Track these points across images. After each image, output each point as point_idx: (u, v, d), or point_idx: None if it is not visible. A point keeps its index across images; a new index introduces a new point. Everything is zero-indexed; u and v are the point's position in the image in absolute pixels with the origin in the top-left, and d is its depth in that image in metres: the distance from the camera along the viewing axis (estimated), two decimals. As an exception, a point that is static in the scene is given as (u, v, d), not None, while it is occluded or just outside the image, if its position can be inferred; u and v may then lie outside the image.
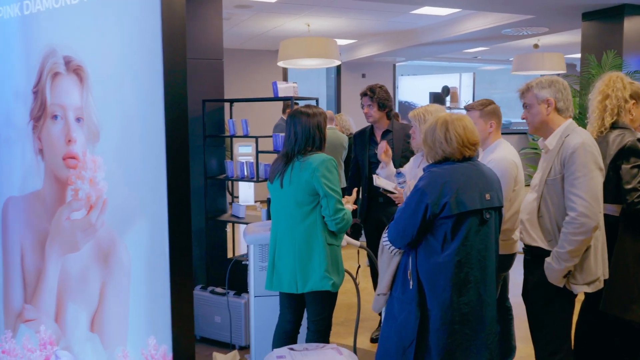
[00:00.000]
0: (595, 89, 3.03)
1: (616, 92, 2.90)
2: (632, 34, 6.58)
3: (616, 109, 2.88)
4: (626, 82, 2.94)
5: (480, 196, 2.45)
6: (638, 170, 2.72)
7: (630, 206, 2.70)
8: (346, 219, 2.84)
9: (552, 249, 2.53)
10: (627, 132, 2.81)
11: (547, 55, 8.87)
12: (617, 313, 2.73)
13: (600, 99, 2.95)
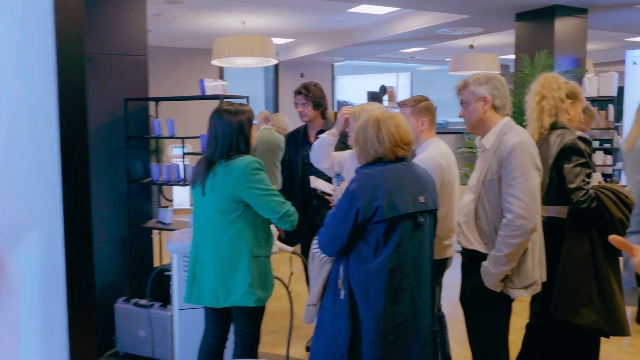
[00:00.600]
0: (531, 91, 2.97)
1: (552, 93, 2.84)
2: (563, 35, 6.70)
3: (554, 109, 2.83)
4: (561, 82, 2.89)
5: (414, 199, 2.32)
6: (581, 169, 2.66)
7: (576, 205, 2.64)
8: (293, 210, 2.67)
9: (489, 252, 2.43)
10: (567, 131, 2.76)
11: (482, 56, 8.97)
12: (567, 317, 2.66)
13: (537, 100, 2.89)
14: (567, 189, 2.64)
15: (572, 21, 6.77)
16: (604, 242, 2.67)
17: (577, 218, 2.68)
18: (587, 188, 2.63)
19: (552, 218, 2.76)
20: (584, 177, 2.65)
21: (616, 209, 2.65)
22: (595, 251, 2.68)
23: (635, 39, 10.06)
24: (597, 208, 2.64)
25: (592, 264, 2.68)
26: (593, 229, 2.70)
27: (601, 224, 2.67)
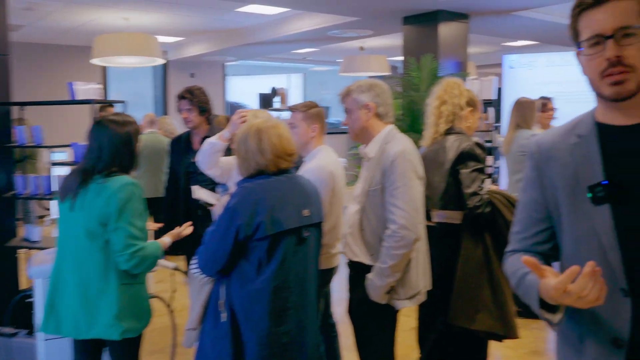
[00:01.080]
0: (433, 94, 2.98)
1: (452, 99, 2.86)
2: (447, 39, 6.93)
3: (452, 115, 2.84)
4: (462, 88, 2.91)
5: (297, 213, 2.21)
6: (477, 174, 2.69)
7: (472, 211, 2.65)
8: (142, 256, 2.29)
9: (375, 264, 2.38)
10: (463, 137, 2.78)
11: (372, 57, 9.12)
12: (464, 324, 2.67)
13: (437, 105, 2.90)
14: (463, 194, 2.66)
15: (455, 26, 7.02)
16: (497, 245, 2.72)
17: (472, 223, 2.71)
18: (482, 193, 2.67)
19: (442, 224, 2.76)
20: (479, 183, 2.68)
21: (509, 213, 2.71)
22: (489, 255, 2.72)
23: (512, 44, 10.68)
24: (491, 213, 2.68)
25: (486, 268, 2.71)
26: (486, 234, 2.74)
27: (494, 228, 2.72)
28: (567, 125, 1.40)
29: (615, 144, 1.29)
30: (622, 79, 1.22)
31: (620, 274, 1.25)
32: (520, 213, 1.46)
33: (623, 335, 1.26)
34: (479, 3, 6.59)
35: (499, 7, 6.84)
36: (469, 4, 6.63)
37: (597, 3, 1.24)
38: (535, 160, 1.41)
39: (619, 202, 1.25)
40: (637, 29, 1.21)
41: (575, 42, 1.31)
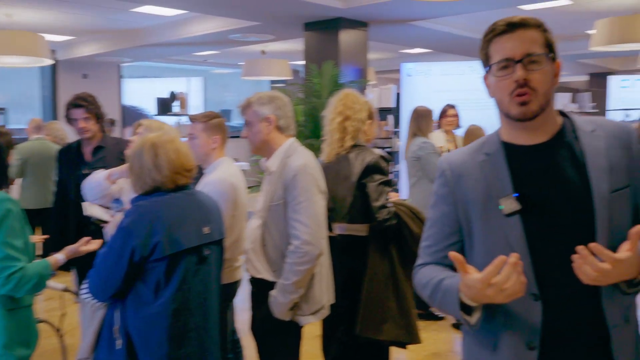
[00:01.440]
0: (332, 108, 2.92)
1: (355, 114, 2.85)
2: (347, 46, 7.04)
3: (356, 131, 2.85)
4: (362, 101, 2.91)
5: (197, 231, 2.13)
6: (383, 187, 2.71)
7: (381, 223, 2.67)
8: (20, 277, 2.06)
9: (278, 280, 2.34)
10: (366, 150, 2.80)
11: (273, 62, 9.10)
12: (372, 335, 2.68)
13: (340, 121, 2.86)
14: (371, 207, 2.67)
15: (355, 33, 7.15)
16: (402, 256, 2.77)
17: (379, 236, 2.73)
18: (389, 206, 2.70)
19: (346, 236, 2.77)
20: (386, 195, 2.71)
21: (414, 224, 2.76)
22: (395, 266, 2.76)
23: (408, 51, 11.07)
24: (397, 225, 2.72)
25: (392, 279, 2.75)
26: (392, 245, 2.78)
27: (399, 240, 2.76)
28: (474, 144, 1.51)
29: (519, 162, 1.40)
30: (528, 99, 1.33)
31: (532, 280, 1.33)
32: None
33: (535, 338, 1.34)
34: (378, 12, 6.76)
35: (397, 17, 7.05)
36: (369, 13, 6.77)
37: (507, 31, 1.36)
38: (447, 177, 1.48)
39: (528, 213, 1.34)
40: (540, 56, 1.34)
41: (486, 66, 1.42)
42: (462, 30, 8.55)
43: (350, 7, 6.45)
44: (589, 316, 1.34)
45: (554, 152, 1.38)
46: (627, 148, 1.39)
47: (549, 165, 1.38)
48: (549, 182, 1.37)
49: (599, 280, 1.23)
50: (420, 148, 4.45)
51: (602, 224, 1.32)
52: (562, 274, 1.31)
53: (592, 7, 7.61)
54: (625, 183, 1.36)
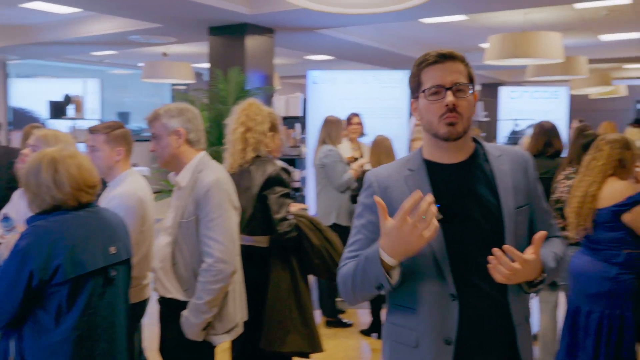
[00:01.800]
0: (235, 117, 2.86)
1: (257, 126, 2.80)
2: (253, 52, 6.99)
3: (257, 143, 2.79)
4: (265, 113, 2.86)
5: (103, 251, 2.02)
6: (284, 199, 2.69)
7: (281, 236, 2.65)
8: None
9: (189, 300, 2.27)
10: (268, 162, 2.76)
11: (175, 64, 8.87)
12: (277, 348, 2.65)
13: (242, 131, 2.81)
14: (272, 219, 2.64)
15: (261, 39, 7.11)
16: (303, 267, 2.77)
17: (280, 247, 2.72)
18: (291, 218, 2.69)
19: (248, 247, 2.74)
20: (287, 208, 2.70)
21: (314, 236, 2.77)
22: (296, 278, 2.76)
23: (313, 57, 11.19)
24: (297, 237, 2.71)
25: (294, 291, 2.74)
26: (293, 257, 2.77)
27: (300, 251, 2.76)
28: (399, 161, 1.69)
29: (440, 177, 1.59)
30: (455, 121, 1.53)
31: (450, 281, 1.51)
32: (357, 234, 1.64)
33: (452, 334, 1.51)
34: (284, 20, 6.77)
35: (303, 25, 7.10)
36: (275, 19, 6.77)
37: (438, 61, 1.55)
38: (374, 189, 1.62)
39: (448, 222, 1.50)
40: (466, 85, 1.55)
41: (416, 91, 1.59)
42: (366, 40, 8.76)
43: (256, 13, 6.41)
44: (499, 315, 1.54)
45: (469, 171, 1.59)
46: (526, 172, 1.63)
47: (465, 182, 1.58)
48: (465, 196, 1.56)
49: (510, 278, 1.43)
50: (326, 156, 4.51)
51: (509, 235, 1.53)
52: (477, 276, 1.51)
53: (485, 22, 8.08)
54: (525, 202, 1.60)
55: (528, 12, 7.24)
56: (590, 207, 2.84)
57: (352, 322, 4.61)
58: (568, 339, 2.97)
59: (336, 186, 4.49)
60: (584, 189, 2.88)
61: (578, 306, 2.94)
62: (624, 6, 7.05)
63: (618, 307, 2.80)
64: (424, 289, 1.52)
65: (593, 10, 7.34)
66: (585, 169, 2.96)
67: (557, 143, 3.78)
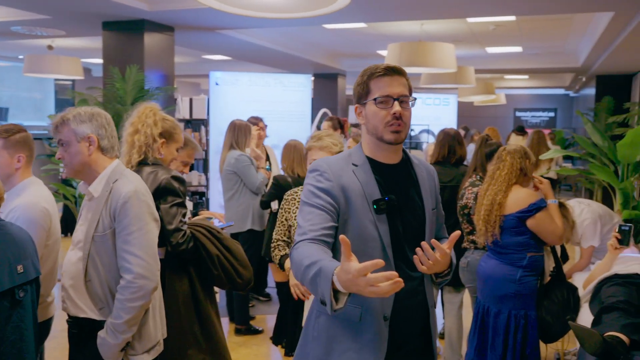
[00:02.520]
0: (130, 118, 2.71)
1: (146, 129, 2.63)
2: (152, 50, 6.70)
3: (144, 146, 2.63)
4: (158, 117, 2.69)
5: (10, 270, 1.84)
6: (177, 209, 2.54)
7: (176, 247, 2.51)
8: None
9: (105, 319, 2.11)
10: (160, 169, 2.59)
11: (63, 59, 8.31)
12: None
13: (130, 132, 2.64)
14: (165, 230, 2.51)
15: (161, 37, 6.84)
16: (202, 278, 2.66)
17: (177, 259, 2.60)
18: (185, 229, 2.57)
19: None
20: (181, 217, 2.57)
21: (212, 245, 2.66)
22: (195, 289, 2.65)
23: (211, 57, 10.96)
24: (194, 247, 2.60)
25: (193, 302, 2.64)
26: (190, 266, 2.66)
27: (198, 261, 2.65)
28: (341, 156, 1.85)
29: (382, 174, 1.81)
30: (400, 129, 1.76)
31: (392, 265, 1.74)
32: (310, 213, 1.73)
33: (388, 311, 1.75)
34: (184, 18, 6.56)
35: (203, 24, 6.92)
36: (175, 17, 6.54)
37: (387, 74, 1.77)
38: (328, 174, 1.76)
39: (393, 213, 1.76)
40: (409, 98, 1.79)
41: (364, 98, 1.79)
42: (267, 42, 8.73)
43: (156, 10, 6.16)
44: (420, 298, 1.83)
45: (402, 173, 1.85)
46: (434, 181, 1.94)
47: (399, 181, 1.83)
48: (400, 194, 1.80)
49: (432, 268, 1.66)
50: (237, 161, 4.42)
51: (428, 232, 1.84)
52: (405, 264, 1.77)
53: (384, 31, 8.34)
54: (435, 205, 1.91)
55: (424, 22, 7.57)
56: (497, 214, 3.01)
57: (262, 329, 4.56)
58: (477, 339, 3.12)
59: (254, 188, 4.43)
60: (491, 197, 3.05)
61: (487, 307, 3.10)
62: (510, 22, 7.57)
63: (523, 307, 2.99)
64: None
65: (482, 25, 7.82)
66: (491, 178, 3.13)
67: (460, 150, 3.96)
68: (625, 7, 5.61)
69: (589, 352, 2.37)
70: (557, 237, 2.99)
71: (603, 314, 2.73)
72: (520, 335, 2.97)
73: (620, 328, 2.53)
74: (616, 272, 3.08)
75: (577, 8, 6.10)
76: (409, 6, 6.04)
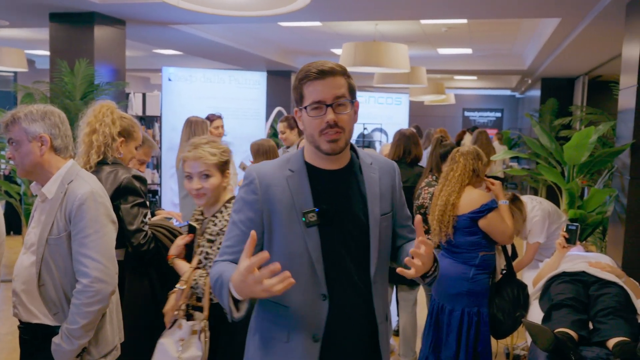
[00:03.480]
0: (85, 117, 2.64)
1: (104, 128, 2.58)
2: (103, 44, 6.51)
3: (103, 146, 2.57)
4: (116, 116, 2.64)
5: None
6: (139, 209, 2.50)
7: (137, 249, 2.47)
8: None
9: (59, 325, 2.05)
10: (120, 168, 2.55)
11: (5, 50, 8.00)
12: None
13: (87, 132, 2.58)
14: (126, 231, 2.46)
15: (111, 31, 6.65)
16: (162, 279, 2.63)
17: (137, 259, 2.55)
18: (146, 229, 2.52)
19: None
20: (142, 218, 2.53)
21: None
22: (156, 290, 2.62)
23: (161, 51, 10.74)
24: (155, 248, 2.56)
25: (153, 303, 2.60)
26: (150, 268, 2.62)
27: (158, 262, 2.61)
28: (280, 160, 1.71)
29: (319, 181, 1.65)
30: (336, 137, 1.59)
31: (323, 282, 1.60)
32: (233, 230, 1.65)
33: (320, 331, 1.60)
34: (135, 12, 6.39)
35: (156, 18, 6.77)
36: (126, 11, 6.37)
37: (319, 77, 1.58)
38: (255, 185, 1.63)
39: (325, 225, 1.60)
40: (347, 100, 1.60)
41: (300, 103, 1.63)
42: (220, 38, 8.61)
43: (106, 3, 5.98)
44: (364, 314, 1.66)
45: (345, 179, 1.68)
46: (392, 181, 1.77)
47: (340, 188, 1.66)
48: (339, 202, 1.64)
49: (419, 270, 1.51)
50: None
51: (374, 240, 1.65)
52: (345, 278, 1.62)
53: (338, 30, 8.37)
54: (390, 209, 1.73)
55: (378, 23, 7.64)
56: (451, 214, 3.08)
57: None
58: (432, 337, 3.19)
59: None
60: (445, 198, 3.11)
61: (441, 305, 3.17)
62: (461, 25, 7.74)
63: (476, 304, 3.07)
64: (297, 287, 1.49)
65: (435, 27, 7.96)
66: (445, 179, 3.20)
67: (415, 150, 4.02)
68: (571, 14, 5.82)
69: (542, 349, 2.46)
70: (507, 237, 3.08)
71: (553, 311, 2.84)
72: (473, 332, 3.05)
73: (569, 324, 2.64)
74: (564, 270, 3.21)
75: (526, 13, 6.29)
76: (364, 7, 6.09)
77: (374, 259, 1.64)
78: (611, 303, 2.78)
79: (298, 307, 1.60)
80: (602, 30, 6.12)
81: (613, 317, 2.67)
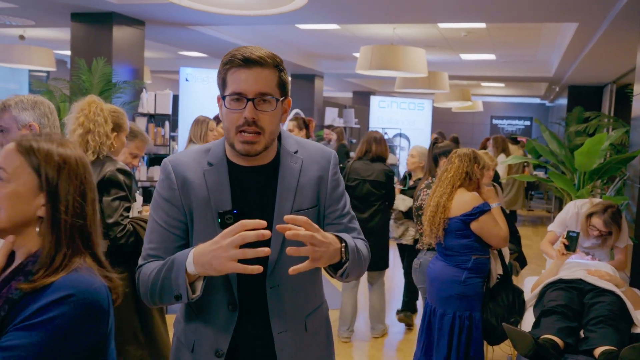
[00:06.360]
0: (73, 117, 2.61)
1: (98, 128, 2.58)
2: (121, 43, 6.65)
3: (99, 145, 2.58)
4: (107, 113, 2.65)
5: None
6: (120, 202, 2.51)
7: (114, 242, 2.49)
8: None
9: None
10: (106, 161, 2.56)
11: (34, 49, 8.21)
12: None
13: (81, 133, 2.56)
14: (105, 224, 2.46)
15: (130, 31, 6.79)
16: None
17: (117, 252, 2.58)
18: (125, 223, 2.53)
19: None
20: (122, 212, 2.52)
21: None
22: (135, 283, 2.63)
23: (187, 53, 10.90)
24: (134, 242, 2.58)
25: (133, 298, 2.62)
26: (131, 262, 2.64)
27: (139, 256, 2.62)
28: (200, 149, 1.52)
29: (238, 179, 1.46)
30: (253, 140, 1.39)
31: (234, 291, 1.44)
32: (155, 231, 1.49)
33: (224, 346, 1.45)
34: (154, 12, 6.51)
35: (174, 19, 6.88)
36: (144, 11, 6.49)
37: (244, 66, 1.37)
38: (171, 180, 1.46)
39: None
40: (272, 98, 1.39)
41: (221, 92, 1.43)
42: (241, 40, 8.70)
43: (125, 3, 6.11)
44: (266, 325, 1.46)
45: (265, 176, 1.48)
46: (322, 171, 1.52)
47: (259, 187, 1.47)
48: (255, 200, 1.46)
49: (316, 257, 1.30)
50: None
51: (275, 239, 1.40)
52: (257, 286, 1.44)
53: (357, 33, 8.37)
54: (313, 204, 1.50)
55: (397, 27, 7.63)
56: (442, 216, 3.03)
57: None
58: (424, 340, 3.15)
59: None
60: (436, 199, 3.07)
61: (433, 308, 3.13)
62: (480, 30, 7.66)
63: (468, 308, 3.02)
64: (207, 297, 1.42)
65: (454, 31, 7.90)
66: (438, 180, 3.16)
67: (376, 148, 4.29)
68: (588, 19, 5.71)
69: (521, 354, 2.41)
70: (501, 240, 3.03)
71: (542, 317, 2.77)
72: (464, 336, 3.00)
73: (556, 331, 2.57)
74: (561, 277, 3.13)
75: (543, 18, 6.19)
76: (379, 9, 6.08)
77: (272, 261, 1.43)
78: (603, 312, 2.70)
79: (205, 317, 1.47)
80: (621, 35, 5.99)
81: (603, 325, 2.60)
